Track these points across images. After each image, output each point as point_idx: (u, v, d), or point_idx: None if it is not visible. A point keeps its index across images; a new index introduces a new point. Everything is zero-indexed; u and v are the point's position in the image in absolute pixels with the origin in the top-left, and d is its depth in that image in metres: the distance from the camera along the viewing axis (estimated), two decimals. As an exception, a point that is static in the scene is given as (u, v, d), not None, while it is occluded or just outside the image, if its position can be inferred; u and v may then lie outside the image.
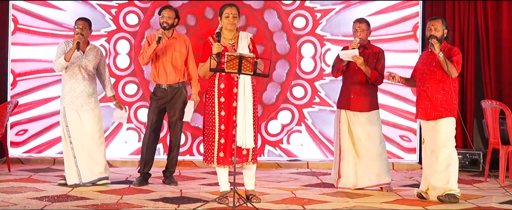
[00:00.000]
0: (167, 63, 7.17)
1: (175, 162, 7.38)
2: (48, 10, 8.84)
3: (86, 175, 7.06)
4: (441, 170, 6.46)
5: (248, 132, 6.28)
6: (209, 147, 6.33)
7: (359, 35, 7.00)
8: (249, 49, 6.37)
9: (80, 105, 7.04)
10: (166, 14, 7.11)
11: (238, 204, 6.12)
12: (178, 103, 7.26)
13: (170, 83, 7.20)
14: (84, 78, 7.06)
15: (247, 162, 6.37)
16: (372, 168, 7.07)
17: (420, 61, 6.73)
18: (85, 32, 7.02)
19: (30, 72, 8.83)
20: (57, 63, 6.94)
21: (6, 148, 8.17)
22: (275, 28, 9.02)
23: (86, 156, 7.05)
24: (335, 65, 7.13)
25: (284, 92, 9.03)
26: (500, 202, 6.54)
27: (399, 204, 6.46)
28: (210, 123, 6.32)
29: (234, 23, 6.35)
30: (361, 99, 7.03)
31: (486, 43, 8.63)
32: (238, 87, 6.26)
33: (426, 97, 6.54)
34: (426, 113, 6.55)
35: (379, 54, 7.10)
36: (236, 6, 6.39)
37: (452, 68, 6.42)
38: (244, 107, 6.28)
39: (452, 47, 6.61)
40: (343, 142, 7.09)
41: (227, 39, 6.38)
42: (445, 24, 6.56)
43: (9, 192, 6.68)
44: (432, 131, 6.52)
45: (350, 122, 7.08)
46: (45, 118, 8.87)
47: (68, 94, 7.05)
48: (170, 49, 7.18)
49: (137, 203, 6.27)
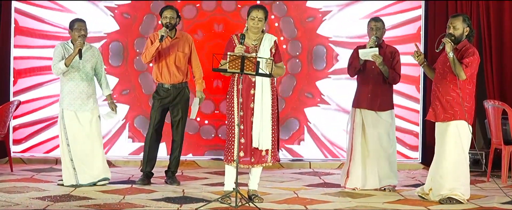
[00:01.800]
0: (170, 64, 7.18)
1: (177, 162, 7.39)
2: (51, 12, 8.84)
3: (83, 178, 7.06)
4: (445, 173, 6.42)
5: (265, 133, 6.29)
6: (230, 147, 6.34)
7: (376, 33, 6.99)
8: (271, 52, 6.38)
9: (79, 106, 7.04)
10: (168, 14, 7.12)
11: (240, 204, 6.12)
12: (181, 103, 7.27)
13: (173, 83, 7.21)
14: (82, 79, 7.06)
15: (267, 163, 6.39)
16: (381, 169, 7.05)
17: (440, 59, 6.60)
18: (85, 34, 7.03)
19: (31, 69, 8.83)
20: (57, 68, 6.95)
21: (9, 147, 8.19)
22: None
23: (84, 159, 7.06)
24: (352, 64, 7.10)
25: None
26: (502, 202, 6.54)
27: (401, 204, 6.45)
28: (230, 123, 6.35)
29: (258, 26, 6.36)
30: (378, 99, 7.01)
31: (489, 43, 8.62)
32: (255, 89, 6.27)
33: (436, 98, 6.48)
34: (435, 113, 6.50)
35: (395, 54, 7.07)
36: (264, 9, 6.39)
37: (460, 71, 6.28)
38: (262, 108, 6.29)
39: (470, 47, 6.43)
40: (355, 142, 7.08)
41: (251, 39, 6.40)
42: (467, 22, 6.40)
43: (11, 192, 6.68)
44: (442, 133, 6.46)
45: (364, 121, 7.05)
46: (47, 119, 8.87)
47: (67, 96, 7.05)
48: (173, 49, 7.18)
49: (139, 203, 6.27)
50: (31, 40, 8.81)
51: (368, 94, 7.03)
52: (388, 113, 7.08)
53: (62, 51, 7.01)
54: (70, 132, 7.05)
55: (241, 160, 6.30)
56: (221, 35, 8.77)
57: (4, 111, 7.86)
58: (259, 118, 6.29)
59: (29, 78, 8.83)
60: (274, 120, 6.40)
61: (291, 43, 8.95)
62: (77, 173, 7.04)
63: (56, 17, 8.81)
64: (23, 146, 8.86)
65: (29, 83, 8.83)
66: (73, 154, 7.03)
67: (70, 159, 7.04)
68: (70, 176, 7.06)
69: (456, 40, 6.37)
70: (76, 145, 7.04)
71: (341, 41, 8.93)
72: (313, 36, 8.95)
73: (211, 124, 8.96)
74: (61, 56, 6.99)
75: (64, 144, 7.07)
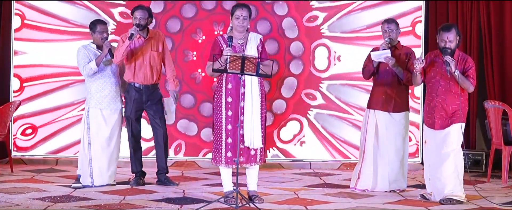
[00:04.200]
0: (145, 64, 7.17)
1: (164, 161, 7.35)
2: (57, 5, 8.85)
3: (98, 180, 7.09)
4: (447, 174, 6.43)
5: (256, 132, 6.29)
6: (218, 147, 6.34)
7: (389, 35, 6.99)
8: (258, 50, 6.39)
9: (107, 105, 7.11)
10: (138, 15, 7.12)
11: (241, 204, 6.12)
12: (156, 103, 7.27)
13: (146, 84, 7.20)
14: (110, 77, 7.14)
15: (256, 162, 6.38)
16: (392, 172, 7.03)
17: (434, 70, 6.53)
18: (108, 35, 7.20)
19: (37, 77, 8.83)
20: (87, 69, 7.06)
21: (9, 148, 8.19)
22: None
23: (102, 160, 7.10)
24: (366, 67, 7.09)
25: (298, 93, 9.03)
26: (503, 203, 6.53)
27: (401, 205, 6.46)
28: (218, 123, 6.35)
29: (243, 25, 6.37)
30: (392, 100, 7.00)
31: (489, 44, 8.61)
32: (245, 87, 6.27)
33: (441, 108, 6.46)
34: (442, 123, 6.48)
35: (410, 54, 7.05)
36: (248, 7, 6.41)
37: (469, 85, 6.37)
38: (252, 107, 6.29)
39: (466, 57, 6.50)
40: (367, 143, 7.06)
41: (236, 39, 6.40)
42: (458, 31, 6.42)
43: (12, 193, 6.68)
44: (443, 137, 6.46)
45: (378, 123, 7.03)
46: (49, 118, 8.87)
47: (96, 94, 7.11)
48: (147, 49, 7.18)
49: (139, 204, 6.27)
50: (37, 34, 8.80)
51: (382, 96, 7.02)
52: (403, 115, 7.05)
53: (87, 53, 7.11)
54: (93, 131, 7.08)
55: (229, 160, 6.29)
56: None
57: (4, 111, 7.86)
58: (250, 117, 6.28)
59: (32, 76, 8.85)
60: (263, 119, 6.40)
61: (293, 43, 8.94)
62: (93, 172, 7.06)
63: (63, 11, 8.82)
64: (24, 144, 8.86)
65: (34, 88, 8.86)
66: (93, 154, 7.06)
67: (89, 158, 7.07)
68: (86, 175, 7.09)
69: (452, 52, 6.40)
70: (97, 145, 7.08)
71: (341, 40, 8.92)
72: (315, 36, 8.94)
73: (210, 126, 8.93)
74: (87, 58, 7.08)
75: (86, 143, 7.10)
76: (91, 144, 7.09)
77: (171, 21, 8.84)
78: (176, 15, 8.84)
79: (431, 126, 6.56)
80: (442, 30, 6.44)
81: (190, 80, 8.87)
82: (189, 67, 8.86)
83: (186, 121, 8.88)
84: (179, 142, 8.87)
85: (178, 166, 8.62)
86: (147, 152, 8.46)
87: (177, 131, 8.85)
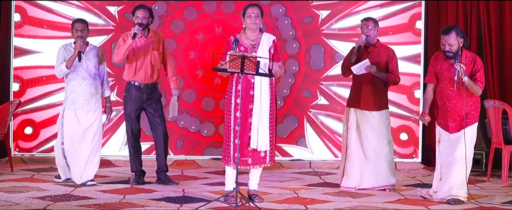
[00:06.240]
0: (146, 63, 7.17)
1: (164, 160, 7.35)
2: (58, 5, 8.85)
3: (75, 177, 7.10)
4: (456, 177, 6.41)
5: (263, 134, 6.28)
6: (227, 148, 6.34)
7: (366, 32, 7.00)
8: (270, 52, 6.38)
9: (81, 105, 7.07)
10: (140, 14, 7.11)
11: (241, 203, 6.12)
12: (156, 102, 7.27)
13: (146, 83, 7.20)
14: (84, 78, 7.08)
15: (265, 163, 6.39)
16: (378, 168, 7.05)
17: (441, 73, 6.49)
18: (85, 34, 7.05)
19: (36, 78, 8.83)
20: (59, 70, 7.03)
21: (9, 147, 8.19)
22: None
23: (76, 160, 7.08)
24: (344, 64, 7.13)
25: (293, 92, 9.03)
26: (503, 202, 6.54)
27: (401, 204, 6.46)
28: (227, 124, 6.36)
29: (256, 22, 6.35)
30: (372, 98, 7.02)
31: (489, 43, 8.61)
32: (254, 90, 6.27)
33: (454, 112, 6.44)
34: (455, 126, 6.46)
35: (391, 54, 7.06)
36: (259, 6, 6.41)
37: (478, 89, 6.36)
38: (260, 109, 6.28)
39: (475, 58, 6.43)
40: (350, 141, 7.08)
41: (249, 39, 6.39)
42: (460, 34, 6.32)
43: (11, 192, 6.68)
44: (457, 138, 6.45)
45: (359, 121, 7.06)
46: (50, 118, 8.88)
47: (70, 95, 7.09)
48: (148, 48, 7.19)
49: (139, 203, 6.27)
50: (38, 30, 8.79)
51: (362, 94, 7.04)
52: (383, 113, 7.08)
53: (64, 53, 7.08)
54: (66, 131, 7.07)
55: (239, 161, 6.29)
56: (222, 37, 8.76)
57: (4, 110, 7.86)
58: (257, 119, 6.28)
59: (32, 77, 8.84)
60: (272, 121, 6.39)
61: (289, 42, 8.94)
62: (70, 169, 7.08)
63: (64, 9, 8.82)
64: (25, 145, 8.86)
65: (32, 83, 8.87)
66: (67, 153, 7.06)
67: (63, 157, 7.09)
68: (65, 172, 7.14)
69: (456, 54, 6.34)
70: (71, 144, 7.06)
71: (338, 38, 8.91)
72: (312, 36, 8.94)
73: (211, 121, 8.95)
74: (63, 58, 7.05)
75: (59, 143, 7.11)
76: (64, 144, 7.09)
77: (174, 23, 8.90)
78: (179, 18, 8.88)
79: (445, 128, 6.53)
80: (442, 33, 6.39)
81: (193, 77, 8.91)
82: (191, 65, 8.95)
83: (187, 116, 8.89)
84: (180, 138, 8.89)
85: (178, 165, 8.62)
86: (147, 151, 8.46)
87: (178, 127, 8.87)
